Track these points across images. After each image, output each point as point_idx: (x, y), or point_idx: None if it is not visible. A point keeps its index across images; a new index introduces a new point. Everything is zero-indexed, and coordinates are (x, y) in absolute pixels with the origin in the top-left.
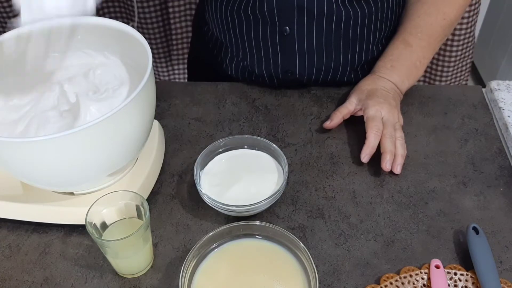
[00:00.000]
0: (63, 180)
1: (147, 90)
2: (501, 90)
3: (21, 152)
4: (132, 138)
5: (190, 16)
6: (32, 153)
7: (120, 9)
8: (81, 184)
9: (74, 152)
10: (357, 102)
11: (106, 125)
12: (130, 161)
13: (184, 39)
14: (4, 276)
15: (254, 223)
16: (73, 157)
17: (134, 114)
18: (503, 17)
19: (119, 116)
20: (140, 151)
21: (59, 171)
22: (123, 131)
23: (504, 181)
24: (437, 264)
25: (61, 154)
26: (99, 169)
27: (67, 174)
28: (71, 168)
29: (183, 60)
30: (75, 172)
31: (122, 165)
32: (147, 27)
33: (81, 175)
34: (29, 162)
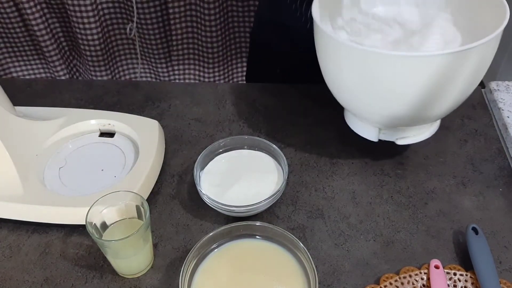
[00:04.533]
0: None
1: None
2: (501, 90)
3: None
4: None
5: (190, 17)
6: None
7: (120, 9)
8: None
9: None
10: None
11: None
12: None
13: (185, 40)
14: (5, 276)
15: (254, 223)
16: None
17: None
18: None
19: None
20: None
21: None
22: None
23: (504, 182)
24: (437, 264)
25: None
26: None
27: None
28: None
29: (183, 60)
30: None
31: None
32: (147, 27)
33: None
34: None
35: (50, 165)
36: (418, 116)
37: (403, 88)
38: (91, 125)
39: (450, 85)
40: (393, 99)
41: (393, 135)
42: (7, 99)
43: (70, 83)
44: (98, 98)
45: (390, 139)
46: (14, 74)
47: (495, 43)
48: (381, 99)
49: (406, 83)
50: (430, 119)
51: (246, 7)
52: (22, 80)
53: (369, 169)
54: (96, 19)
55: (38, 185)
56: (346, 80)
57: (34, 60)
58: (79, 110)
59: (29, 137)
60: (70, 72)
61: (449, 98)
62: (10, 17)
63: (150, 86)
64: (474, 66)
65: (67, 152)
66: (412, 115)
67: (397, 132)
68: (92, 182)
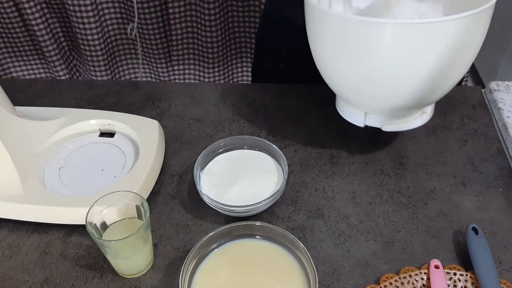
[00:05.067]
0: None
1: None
2: (501, 90)
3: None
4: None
5: (190, 17)
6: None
7: (120, 9)
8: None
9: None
10: None
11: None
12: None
13: (184, 39)
14: (5, 276)
15: (254, 223)
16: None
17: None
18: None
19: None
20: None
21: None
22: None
23: (504, 182)
24: (437, 264)
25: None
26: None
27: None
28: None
29: (183, 60)
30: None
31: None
32: (147, 27)
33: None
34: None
35: (50, 165)
36: (404, 99)
37: (388, 63)
38: (91, 125)
39: (437, 61)
40: (373, 75)
41: (379, 121)
42: (7, 99)
43: (70, 83)
44: (98, 98)
45: (377, 125)
46: (14, 74)
47: (486, 16)
48: (367, 77)
49: (390, 57)
50: (416, 104)
51: (246, 7)
52: (22, 80)
53: (369, 169)
54: (96, 19)
55: (38, 185)
56: (330, 53)
57: (34, 60)
58: (79, 110)
59: (29, 137)
60: (70, 72)
61: (437, 79)
62: (10, 17)
63: (150, 86)
64: (465, 41)
65: (67, 152)
66: (397, 97)
67: (384, 118)
68: (92, 182)
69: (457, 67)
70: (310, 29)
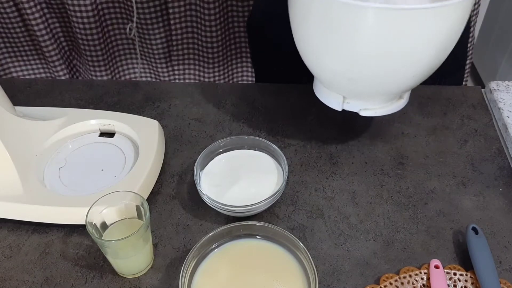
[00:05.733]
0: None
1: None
2: (501, 90)
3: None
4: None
5: (190, 17)
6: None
7: (120, 9)
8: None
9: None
10: None
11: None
12: (419, 78)
13: (184, 39)
14: (5, 276)
15: (254, 223)
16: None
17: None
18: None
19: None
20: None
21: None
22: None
23: (504, 182)
24: (437, 264)
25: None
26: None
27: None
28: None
29: (183, 60)
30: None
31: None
32: (147, 27)
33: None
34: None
35: (50, 165)
36: (384, 84)
37: (369, 48)
38: (91, 125)
39: (417, 47)
40: (355, 59)
41: (357, 105)
42: (7, 99)
43: (70, 83)
44: (98, 98)
45: (354, 109)
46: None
47: (467, 6)
48: (348, 60)
49: (372, 41)
50: (396, 90)
51: (246, 7)
52: (22, 80)
53: (369, 169)
54: (96, 19)
55: (38, 185)
56: (312, 34)
57: (34, 60)
58: (79, 110)
59: (29, 137)
60: (70, 72)
61: (412, 65)
62: (10, 17)
63: (150, 86)
64: (444, 30)
65: (67, 152)
66: (378, 83)
67: (361, 103)
68: (92, 182)
69: (437, 54)
70: (292, 9)
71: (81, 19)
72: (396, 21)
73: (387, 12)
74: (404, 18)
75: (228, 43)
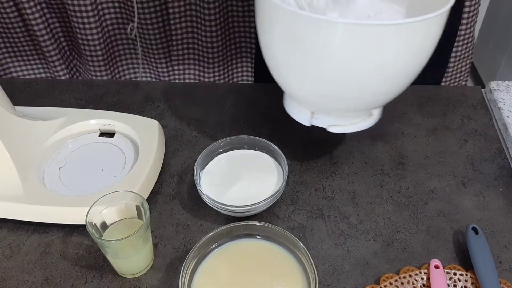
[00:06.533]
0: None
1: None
2: (501, 90)
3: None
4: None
5: (190, 17)
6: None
7: (120, 9)
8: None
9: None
10: None
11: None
12: (390, 96)
13: (184, 39)
14: (5, 276)
15: (254, 223)
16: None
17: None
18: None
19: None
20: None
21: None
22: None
23: (504, 182)
24: (437, 264)
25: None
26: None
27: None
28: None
29: (183, 60)
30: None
31: (389, 95)
32: (147, 27)
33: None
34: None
35: (50, 165)
36: (352, 100)
37: (336, 63)
38: (91, 125)
39: (384, 65)
40: (322, 75)
41: (325, 121)
42: (7, 99)
43: (70, 83)
44: (98, 98)
45: (322, 125)
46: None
47: (439, 22)
48: (315, 75)
49: (339, 56)
50: (364, 106)
51: (246, 7)
52: (22, 80)
53: (369, 169)
54: (96, 19)
55: (38, 185)
56: (278, 47)
57: (34, 60)
58: (79, 110)
59: (29, 137)
60: (70, 72)
61: (382, 82)
62: (10, 17)
63: (150, 86)
64: (414, 47)
65: (67, 152)
66: (345, 98)
67: (330, 119)
68: (92, 182)
69: (407, 71)
70: (259, 20)
71: (81, 19)
72: (364, 36)
73: (355, 28)
74: (372, 33)
75: (228, 43)
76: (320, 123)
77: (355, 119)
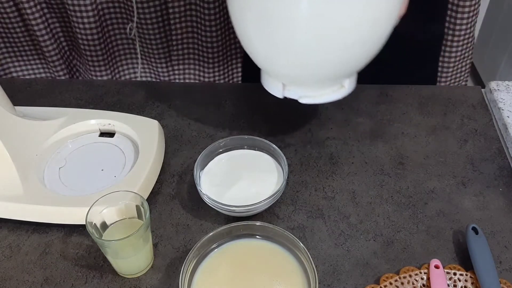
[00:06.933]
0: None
1: None
2: (501, 90)
3: None
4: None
5: (190, 17)
6: None
7: (120, 9)
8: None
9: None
10: None
11: None
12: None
13: (184, 39)
14: (4, 276)
15: (254, 223)
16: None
17: None
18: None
19: None
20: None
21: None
22: None
23: (504, 182)
24: (437, 264)
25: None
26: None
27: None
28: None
29: (183, 60)
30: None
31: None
32: (147, 27)
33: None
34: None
35: (50, 165)
36: (319, 69)
37: (303, 32)
38: (91, 125)
39: (346, 31)
40: (293, 47)
41: (297, 92)
42: (7, 99)
43: (70, 83)
44: (98, 98)
45: (294, 96)
46: (14, 74)
47: None
48: (282, 46)
49: (305, 25)
50: (332, 75)
51: None
52: (22, 80)
53: (369, 169)
54: (96, 19)
55: (38, 185)
56: (248, 19)
57: (34, 60)
58: (79, 110)
59: (29, 137)
60: (70, 72)
61: (346, 50)
62: (10, 17)
63: (150, 86)
64: (380, 12)
65: (67, 152)
66: (313, 68)
67: (301, 90)
68: (92, 182)
69: (373, 38)
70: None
71: (81, 19)
72: (325, 3)
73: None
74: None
75: (228, 43)
76: (292, 94)
77: (326, 90)
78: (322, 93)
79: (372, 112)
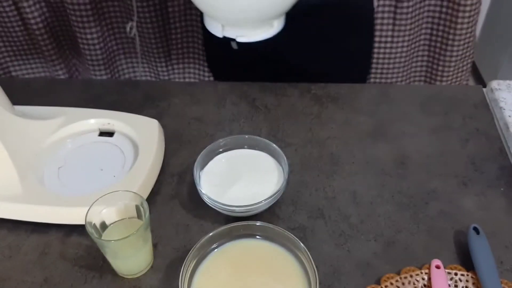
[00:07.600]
0: None
1: None
2: (502, 89)
3: None
4: None
5: (190, 16)
6: None
7: (119, 8)
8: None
9: None
10: None
11: None
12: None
13: (184, 39)
14: (4, 276)
15: (254, 223)
16: None
17: None
18: (504, 16)
19: None
20: None
21: None
22: None
23: (505, 181)
24: (438, 264)
25: None
26: None
27: None
28: None
29: (183, 59)
30: None
31: None
32: (147, 26)
33: None
34: None
35: (49, 165)
36: (247, 10)
37: None
38: (91, 124)
39: None
40: None
41: (234, 32)
42: (6, 98)
43: (69, 82)
44: (98, 97)
45: (232, 36)
46: (13, 73)
47: None
48: None
49: None
50: (260, 16)
51: None
52: (21, 79)
53: (370, 169)
54: (95, 18)
55: (37, 184)
56: None
57: (33, 59)
58: (78, 109)
59: (28, 137)
60: (70, 71)
61: None
62: (9, 16)
63: (150, 85)
64: None
65: (66, 152)
66: (241, 9)
67: (237, 30)
68: (92, 182)
69: None
70: None
71: (80, 18)
72: None
73: None
74: None
75: None
76: (230, 34)
77: (258, 30)
78: (255, 33)
79: (373, 112)
